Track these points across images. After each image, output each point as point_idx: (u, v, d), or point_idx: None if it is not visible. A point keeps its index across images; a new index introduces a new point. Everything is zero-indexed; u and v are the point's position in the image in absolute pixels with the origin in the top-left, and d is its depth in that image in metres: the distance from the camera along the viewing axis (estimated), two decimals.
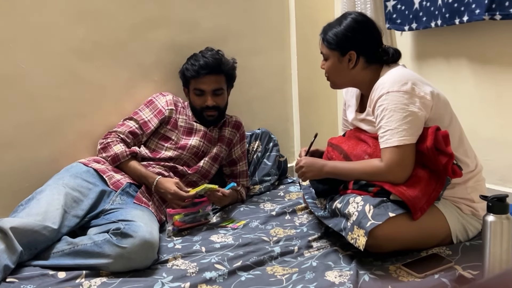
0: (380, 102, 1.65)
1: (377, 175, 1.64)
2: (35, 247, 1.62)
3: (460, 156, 1.69)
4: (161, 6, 2.34)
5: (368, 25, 1.78)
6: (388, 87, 1.64)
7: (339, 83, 1.86)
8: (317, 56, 1.92)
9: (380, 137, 1.65)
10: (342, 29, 1.76)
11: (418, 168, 1.63)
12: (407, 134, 1.60)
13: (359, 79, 1.79)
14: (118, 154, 2.04)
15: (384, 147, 1.63)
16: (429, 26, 2.25)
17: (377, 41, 1.78)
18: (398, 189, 1.59)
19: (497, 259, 1.39)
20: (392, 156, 1.60)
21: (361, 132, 1.82)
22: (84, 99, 2.18)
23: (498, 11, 1.95)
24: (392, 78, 1.66)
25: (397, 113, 1.60)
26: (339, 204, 1.68)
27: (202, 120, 2.24)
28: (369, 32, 1.78)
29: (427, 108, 1.63)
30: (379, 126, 1.65)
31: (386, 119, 1.62)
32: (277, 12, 2.75)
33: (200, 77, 2.17)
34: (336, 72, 1.81)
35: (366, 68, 1.77)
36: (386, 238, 1.56)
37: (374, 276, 1.51)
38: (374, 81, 1.73)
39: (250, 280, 1.54)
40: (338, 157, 1.81)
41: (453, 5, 2.10)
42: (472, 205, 1.71)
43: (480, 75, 2.21)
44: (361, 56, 1.76)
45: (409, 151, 1.61)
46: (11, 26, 1.98)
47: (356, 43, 1.75)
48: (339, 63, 1.79)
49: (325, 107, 2.93)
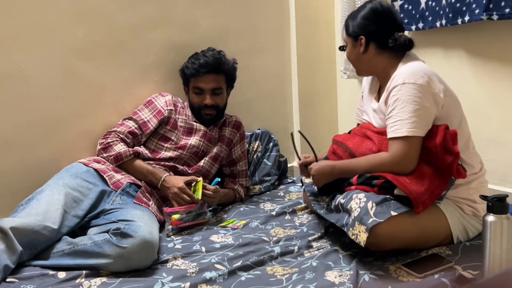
0: (394, 92, 1.67)
1: (383, 165, 1.65)
2: (35, 247, 1.62)
3: (465, 158, 1.70)
4: (161, 6, 2.34)
5: (383, 13, 1.81)
6: (404, 78, 1.66)
7: (359, 69, 1.92)
8: (317, 56, 1.93)
9: (389, 126, 1.67)
10: (358, 17, 1.83)
11: (424, 164, 1.64)
12: (417, 126, 1.62)
13: (374, 64, 1.84)
14: (121, 153, 2.04)
15: (393, 136, 1.65)
16: (434, 25, 2.26)
17: (390, 29, 1.80)
18: (401, 182, 1.59)
19: (497, 259, 1.39)
20: (399, 147, 1.63)
21: (367, 128, 1.84)
22: (84, 99, 2.18)
23: (495, 11, 1.97)
24: (410, 70, 1.68)
25: (410, 105, 1.62)
26: (343, 200, 1.69)
27: (201, 120, 2.24)
28: (383, 20, 1.81)
29: (438, 105, 1.65)
30: (390, 115, 1.67)
31: (398, 109, 1.64)
32: (277, 12, 2.75)
33: (200, 76, 2.17)
34: (352, 57, 1.89)
35: (379, 55, 1.81)
36: (387, 236, 1.56)
37: (374, 276, 1.51)
38: (390, 68, 1.77)
39: (250, 280, 1.54)
40: (343, 154, 1.82)
41: (456, 5, 2.12)
42: (474, 205, 1.71)
43: (480, 75, 2.21)
44: (371, 41, 1.80)
45: (416, 143, 1.63)
46: (11, 26, 1.98)
47: (367, 29, 1.80)
48: (353, 49, 1.86)
49: (325, 107, 2.93)
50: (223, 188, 2.24)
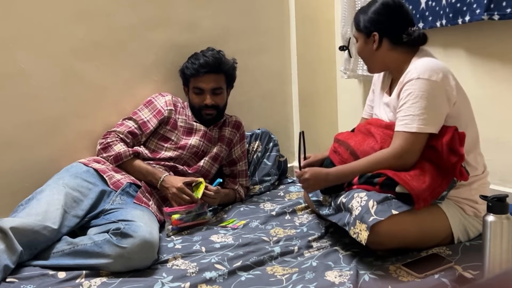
0: (407, 86, 1.66)
1: (385, 159, 1.65)
2: (35, 247, 1.62)
3: (470, 161, 1.70)
4: (161, 6, 2.34)
5: (395, 8, 1.79)
6: (419, 72, 1.64)
7: (371, 65, 1.88)
8: (317, 56, 1.93)
9: (399, 120, 1.66)
10: (368, 12, 1.80)
11: (426, 162, 1.63)
12: (427, 122, 1.61)
13: (387, 60, 1.81)
14: (121, 153, 2.04)
15: (402, 130, 1.64)
16: (434, 25, 2.26)
17: (403, 24, 1.78)
18: (402, 179, 1.59)
19: (497, 259, 1.39)
20: (403, 142, 1.63)
21: (372, 124, 1.83)
22: (84, 99, 2.18)
23: (496, 11, 1.97)
24: (425, 65, 1.67)
25: (423, 101, 1.62)
26: (344, 199, 1.68)
27: (201, 120, 2.24)
28: (395, 14, 1.78)
29: (450, 102, 1.65)
30: (401, 109, 1.66)
31: (410, 104, 1.64)
32: (277, 12, 2.74)
33: (200, 76, 2.17)
34: (365, 54, 1.85)
35: (393, 50, 1.78)
36: (388, 235, 1.56)
37: (374, 276, 1.51)
38: (403, 63, 1.75)
39: (250, 280, 1.54)
40: (345, 153, 1.81)
41: (456, 5, 2.12)
42: (475, 206, 1.71)
43: (480, 74, 2.21)
44: (384, 37, 1.78)
45: (421, 140, 1.63)
46: (11, 26, 1.98)
47: (380, 25, 1.77)
48: (365, 45, 1.82)
49: (325, 107, 2.93)
50: (224, 189, 2.24)
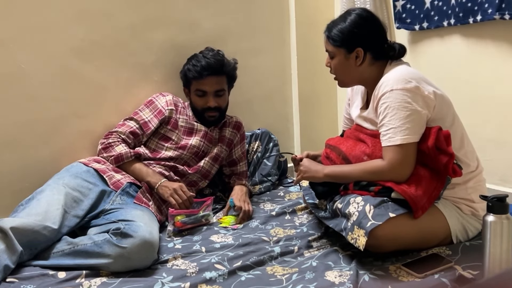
0: (383, 100, 1.64)
1: (379, 174, 1.63)
2: (35, 247, 1.62)
3: (461, 157, 1.69)
4: (161, 6, 2.34)
5: (373, 20, 1.77)
6: (392, 84, 1.62)
7: (347, 81, 1.84)
8: (317, 56, 1.92)
9: (382, 135, 1.65)
10: (347, 26, 1.74)
11: (419, 167, 1.63)
12: (410, 132, 1.59)
13: (365, 76, 1.77)
14: (122, 154, 2.04)
15: (387, 145, 1.62)
16: (441, 25, 2.27)
17: (382, 37, 1.77)
18: (400, 187, 1.59)
19: (497, 259, 1.39)
20: (394, 155, 1.60)
21: (361, 131, 1.82)
22: (84, 99, 2.18)
23: (507, 10, 1.98)
24: (396, 76, 1.65)
25: (401, 111, 1.60)
26: (340, 205, 1.68)
27: (202, 120, 2.24)
28: (375, 27, 1.76)
29: (430, 107, 1.63)
30: (382, 123, 1.65)
31: (389, 117, 1.62)
32: (277, 12, 2.75)
33: (203, 79, 2.16)
34: (344, 70, 1.79)
35: (373, 65, 1.76)
36: (387, 238, 1.56)
37: (374, 276, 1.51)
38: (379, 77, 1.71)
39: (250, 280, 1.54)
40: (337, 158, 1.80)
41: (467, 5, 2.13)
42: (472, 205, 1.71)
43: (481, 74, 2.21)
44: (367, 52, 1.74)
45: (411, 149, 1.61)
46: (11, 26, 1.98)
47: (363, 39, 1.73)
48: (346, 60, 1.76)
49: (325, 107, 2.93)
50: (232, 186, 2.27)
